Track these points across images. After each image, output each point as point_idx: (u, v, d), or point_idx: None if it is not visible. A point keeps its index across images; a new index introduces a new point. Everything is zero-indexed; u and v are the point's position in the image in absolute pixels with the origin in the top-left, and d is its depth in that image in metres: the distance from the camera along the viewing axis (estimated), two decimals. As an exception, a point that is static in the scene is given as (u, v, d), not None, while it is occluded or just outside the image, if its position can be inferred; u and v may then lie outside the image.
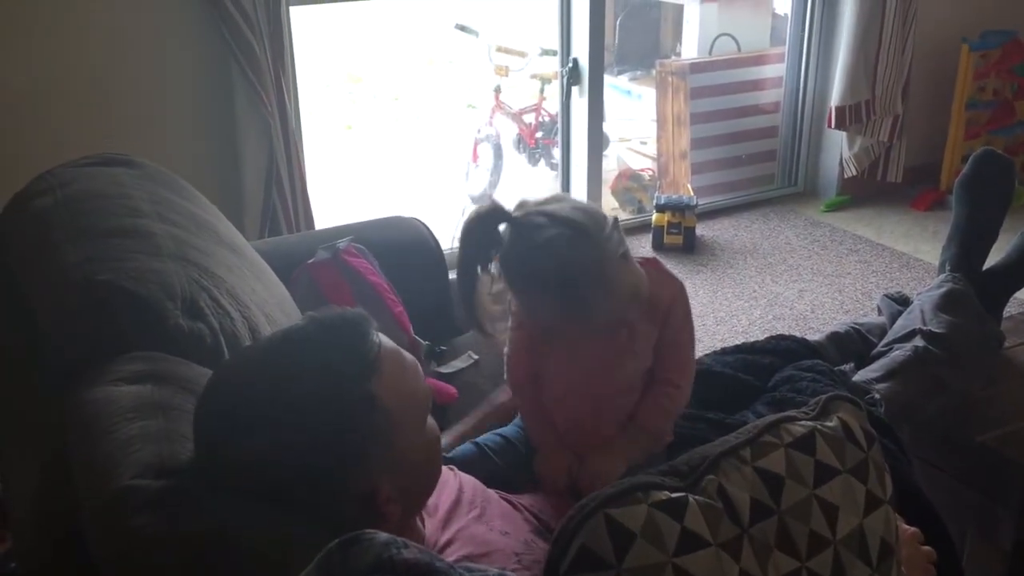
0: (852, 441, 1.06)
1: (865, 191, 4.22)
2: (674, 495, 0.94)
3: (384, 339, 1.04)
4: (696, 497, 0.95)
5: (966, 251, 2.03)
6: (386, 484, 1.00)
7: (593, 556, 0.88)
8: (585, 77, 3.69)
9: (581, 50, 3.67)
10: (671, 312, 1.41)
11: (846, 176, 4.17)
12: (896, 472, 1.47)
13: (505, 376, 1.48)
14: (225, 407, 0.98)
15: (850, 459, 1.05)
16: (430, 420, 1.10)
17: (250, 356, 1.04)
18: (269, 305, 1.48)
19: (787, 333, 2.92)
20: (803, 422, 1.06)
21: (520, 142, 5.03)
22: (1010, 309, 2.14)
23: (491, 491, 1.29)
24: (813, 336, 1.99)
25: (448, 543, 1.11)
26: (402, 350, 1.07)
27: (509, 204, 1.32)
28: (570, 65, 3.70)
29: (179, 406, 1.04)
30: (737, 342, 2.98)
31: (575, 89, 3.74)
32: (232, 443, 0.96)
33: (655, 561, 0.89)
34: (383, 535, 0.72)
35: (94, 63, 2.78)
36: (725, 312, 3.33)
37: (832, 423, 1.07)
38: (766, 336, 1.90)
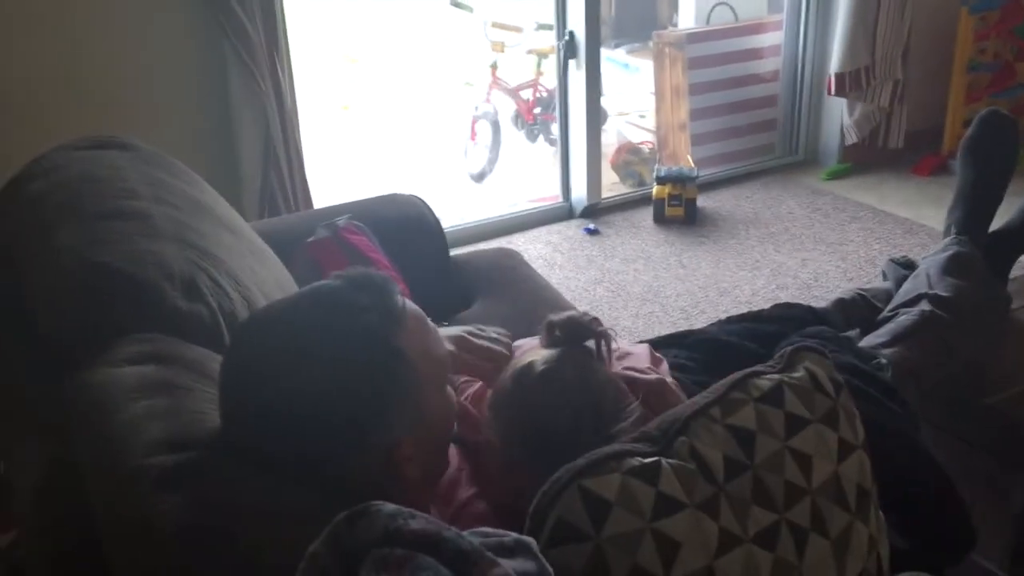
0: (820, 390, 1.06)
1: (866, 158, 4.20)
2: (647, 460, 0.94)
3: (408, 301, 1.05)
4: (669, 461, 0.95)
5: (972, 214, 2.01)
6: (407, 441, 0.99)
7: (570, 528, 0.88)
8: (582, 51, 3.65)
9: (577, 23, 3.63)
10: None
11: (847, 143, 4.15)
12: (905, 437, 1.47)
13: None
14: (254, 352, 0.98)
15: (819, 408, 1.05)
16: (449, 388, 1.09)
17: (279, 307, 1.04)
18: (268, 285, 1.47)
19: (792, 302, 2.91)
20: (770, 375, 1.06)
21: (518, 118, 5.00)
22: (1015, 271, 2.13)
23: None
24: (818, 304, 1.98)
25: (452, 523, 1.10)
26: (425, 315, 1.07)
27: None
28: (566, 39, 3.66)
29: (183, 385, 1.03)
30: (741, 312, 2.97)
31: (572, 63, 3.71)
32: (259, 388, 0.95)
33: (633, 528, 0.88)
34: (390, 506, 0.71)
35: (87, 49, 2.75)
36: (728, 283, 3.31)
37: (799, 374, 1.07)
38: (771, 305, 1.89)
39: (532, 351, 1.18)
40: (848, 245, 3.56)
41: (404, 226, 2.04)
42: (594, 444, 0.99)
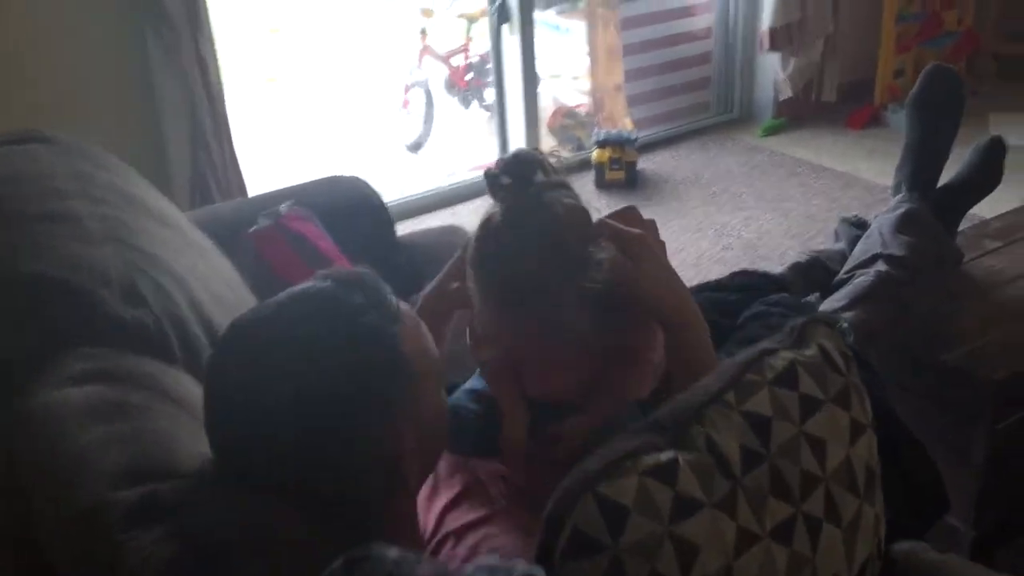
0: (832, 367, 1.03)
1: (801, 112, 4.21)
2: (663, 458, 0.90)
3: (400, 300, 1.01)
4: (685, 456, 0.91)
5: (921, 169, 2.00)
6: (410, 436, 0.95)
7: (586, 539, 0.84)
8: (515, 14, 3.58)
9: (509, -14, 3.55)
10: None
11: (781, 98, 4.15)
12: (880, 405, 1.45)
13: (469, 345, 1.26)
14: (247, 362, 0.92)
15: (832, 387, 1.02)
16: (443, 391, 1.06)
17: (266, 313, 0.97)
18: (213, 281, 1.39)
19: (742, 266, 2.90)
20: (782, 353, 1.02)
21: (452, 85, 4.91)
22: (963, 224, 2.14)
23: (458, 462, 1.21)
24: (772, 266, 1.96)
25: (434, 533, 1.05)
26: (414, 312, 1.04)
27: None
28: (498, 2, 3.58)
29: (138, 403, 0.95)
30: (689, 275, 2.94)
31: (505, 27, 3.63)
32: (259, 398, 0.89)
33: (652, 533, 0.85)
34: (393, 551, 0.65)
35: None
36: (674, 246, 3.29)
37: (811, 351, 1.03)
38: (719, 267, 1.87)
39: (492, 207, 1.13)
40: (788, 201, 3.57)
41: (347, 210, 1.97)
42: (566, 278, 1.03)
